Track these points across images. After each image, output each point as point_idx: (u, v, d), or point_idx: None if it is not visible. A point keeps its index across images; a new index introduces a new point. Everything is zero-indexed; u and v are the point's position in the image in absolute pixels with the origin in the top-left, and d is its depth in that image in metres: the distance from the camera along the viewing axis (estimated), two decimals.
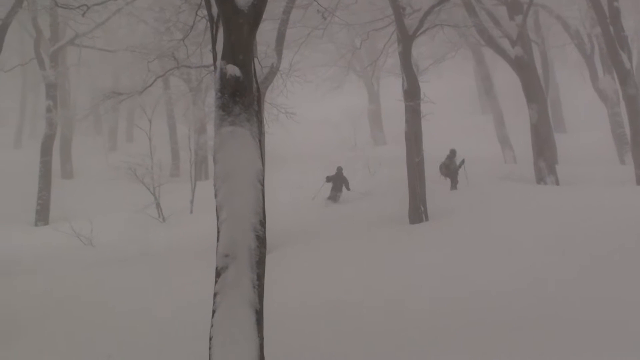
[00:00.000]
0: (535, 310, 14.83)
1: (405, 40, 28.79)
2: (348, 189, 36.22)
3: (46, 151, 40.79)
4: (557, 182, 34.35)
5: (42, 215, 39.83)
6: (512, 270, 18.36)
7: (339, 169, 37.03)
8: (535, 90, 35.44)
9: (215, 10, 12.43)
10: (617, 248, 18.86)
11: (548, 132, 36.14)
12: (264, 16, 12.74)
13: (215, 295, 11.30)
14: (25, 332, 18.25)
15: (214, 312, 11.18)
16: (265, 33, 26.62)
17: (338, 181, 36.59)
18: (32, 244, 31.25)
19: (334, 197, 36.33)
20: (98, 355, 15.79)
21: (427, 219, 27.59)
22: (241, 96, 12.07)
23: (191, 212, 37.53)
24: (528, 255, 19.87)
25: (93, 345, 16.55)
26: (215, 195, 11.82)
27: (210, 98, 33.65)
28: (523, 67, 35.11)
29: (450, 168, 33.95)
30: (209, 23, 13.10)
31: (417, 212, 27.77)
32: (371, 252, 23.42)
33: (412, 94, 28.57)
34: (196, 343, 12.26)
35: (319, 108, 56.18)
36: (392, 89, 42.11)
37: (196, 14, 22.84)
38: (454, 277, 18.90)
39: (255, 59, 12.73)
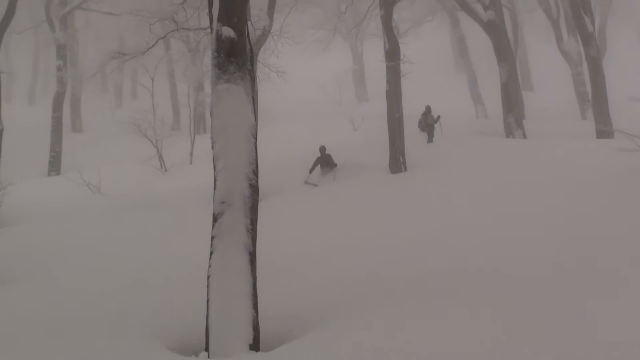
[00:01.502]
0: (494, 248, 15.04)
1: (387, 4, 28.82)
2: (335, 164, 29.21)
3: (57, 107, 40.94)
4: (524, 136, 34.59)
5: (55, 166, 39.97)
6: (485, 212, 19.19)
7: (323, 149, 29.51)
8: (505, 51, 35.58)
9: None
10: (575, 191, 19.20)
11: (516, 90, 36.34)
12: None
13: (212, 238, 11.51)
14: (42, 263, 18.40)
15: (211, 253, 11.39)
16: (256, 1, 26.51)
17: (324, 163, 29.43)
18: (45, 193, 31.29)
19: (326, 176, 29.44)
20: (107, 291, 15.81)
21: (405, 170, 27.66)
22: (236, 56, 12.21)
23: (190, 163, 37.61)
24: (495, 201, 20.57)
25: (103, 283, 16.56)
26: (212, 147, 11.91)
27: (208, 58, 33.61)
28: (494, 30, 35.25)
29: (427, 122, 33.95)
30: None
31: (397, 163, 27.84)
32: (356, 197, 23.72)
33: (392, 55, 28.62)
34: (194, 282, 12.26)
35: (307, 68, 55.90)
36: (375, 50, 41.82)
37: None
38: (422, 219, 19.60)
39: (249, 22, 12.75)
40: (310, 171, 28.58)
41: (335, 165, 29.29)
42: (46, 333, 13.04)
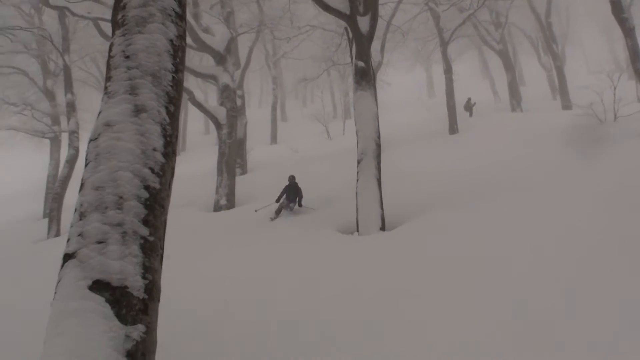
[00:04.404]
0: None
1: (444, 45, 28.00)
2: (300, 204, 16.25)
3: (274, 108, 41.23)
4: (522, 110, 33.55)
5: (274, 139, 40.29)
6: (501, 144, 18.98)
7: (292, 178, 16.35)
8: (509, 64, 34.43)
9: (351, 35, 12.53)
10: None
11: (516, 85, 35.00)
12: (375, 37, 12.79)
13: (357, 172, 12.04)
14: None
15: (357, 180, 11.99)
16: (374, 46, 25.99)
17: (291, 192, 16.27)
18: (269, 153, 31.77)
19: (285, 206, 16.07)
20: (310, 202, 15.96)
21: (458, 132, 26.70)
22: (365, 76, 12.37)
23: (343, 134, 37.44)
24: (508, 139, 20.79)
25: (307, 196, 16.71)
26: (355, 124, 12.51)
27: (351, 78, 33.50)
28: (502, 54, 34.20)
29: (468, 106, 33.17)
30: (348, 42, 13.11)
31: (453, 128, 26.88)
32: (434, 143, 23.44)
33: (448, 71, 27.80)
34: (349, 193, 12.39)
35: (401, 81, 54.83)
36: (440, 69, 41.15)
37: (342, 37, 22.67)
38: (469, 153, 19.24)
39: (371, 59, 12.66)
40: (278, 200, 16.15)
41: (300, 205, 16.32)
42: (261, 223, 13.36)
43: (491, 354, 5.41)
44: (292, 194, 15.97)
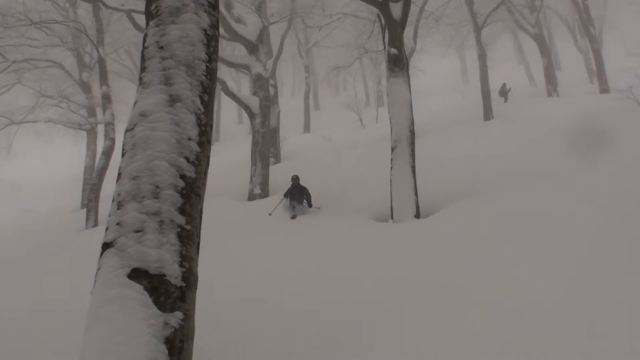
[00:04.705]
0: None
1: (478, 29, 27.65)
2: (310, 204, 15.04)
3: (306, 97, 41.21)
4: (558, 95, 33.00)
5: (307, 127, 40.34)
6: (538, 128, 19.36)
7: (295, 179, 15.32)
8: (544, 49, 33.94)
9: (383, 22, 12.48)
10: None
11: (552, 70, 34.47)
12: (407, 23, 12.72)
13: (391, 160, 12.06)
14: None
15: (392, 167, 12.01)
16: (406, 32, 25.81)
17: (296, 193, 15.10)
18: (302, 142, 31.83)
19: (291, 210, 14.91)
20: (333, 191, 15.93)
21: (493, 118, 26.51)
22: (398, 63, 12.39)
23: (376, 121, 37.28)
24: (544, 121, 20.56)
25: (336, 186, 16.67)
26: (389, 112, 12.52)
27: (383, 65, 33.32)
28: (538, 38, 33.69)
29: (503, 91, 32.74)
30: (380, 29, 13.07)
31: (488, 114, 26.68)
32: (469, 128, 23.34)
33: (482, 57, 27.45)
34: (383, 181, 12.37)
35: (435, 68, 54.17)
36: (474, 54, 40.90)
37: (374, 24, 22.52)
38: (502, 134, 19.65)
39: (404, 45, 12.59)
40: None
41: (310, 205, 15.13)
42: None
43: (492, 353, 5.30)
44: (298, 195, 15.00)
